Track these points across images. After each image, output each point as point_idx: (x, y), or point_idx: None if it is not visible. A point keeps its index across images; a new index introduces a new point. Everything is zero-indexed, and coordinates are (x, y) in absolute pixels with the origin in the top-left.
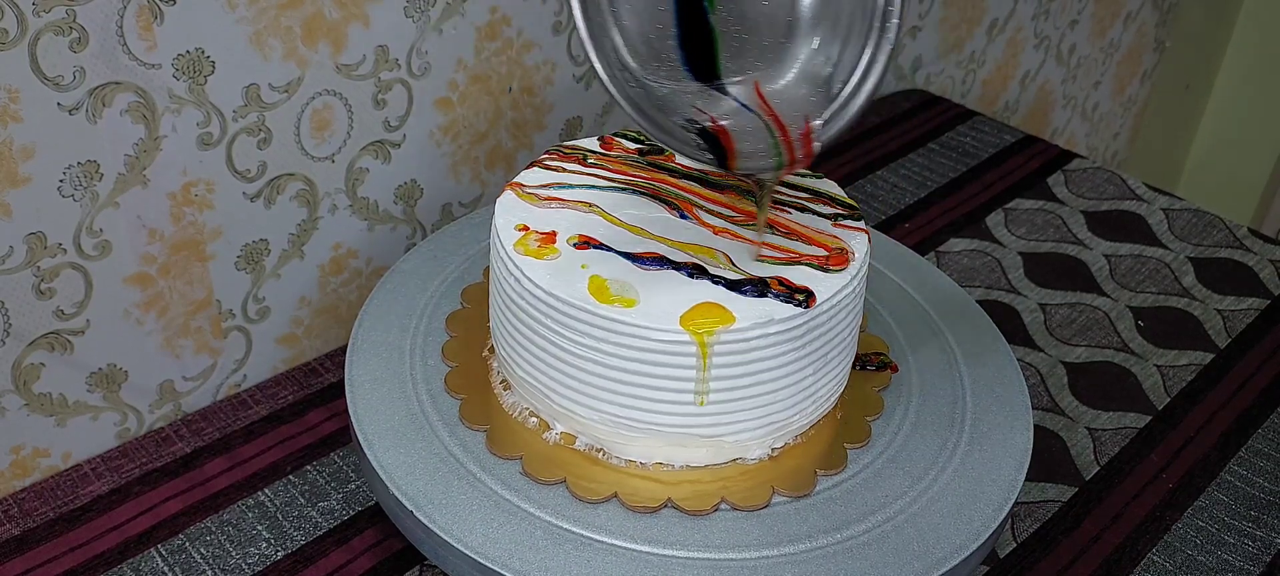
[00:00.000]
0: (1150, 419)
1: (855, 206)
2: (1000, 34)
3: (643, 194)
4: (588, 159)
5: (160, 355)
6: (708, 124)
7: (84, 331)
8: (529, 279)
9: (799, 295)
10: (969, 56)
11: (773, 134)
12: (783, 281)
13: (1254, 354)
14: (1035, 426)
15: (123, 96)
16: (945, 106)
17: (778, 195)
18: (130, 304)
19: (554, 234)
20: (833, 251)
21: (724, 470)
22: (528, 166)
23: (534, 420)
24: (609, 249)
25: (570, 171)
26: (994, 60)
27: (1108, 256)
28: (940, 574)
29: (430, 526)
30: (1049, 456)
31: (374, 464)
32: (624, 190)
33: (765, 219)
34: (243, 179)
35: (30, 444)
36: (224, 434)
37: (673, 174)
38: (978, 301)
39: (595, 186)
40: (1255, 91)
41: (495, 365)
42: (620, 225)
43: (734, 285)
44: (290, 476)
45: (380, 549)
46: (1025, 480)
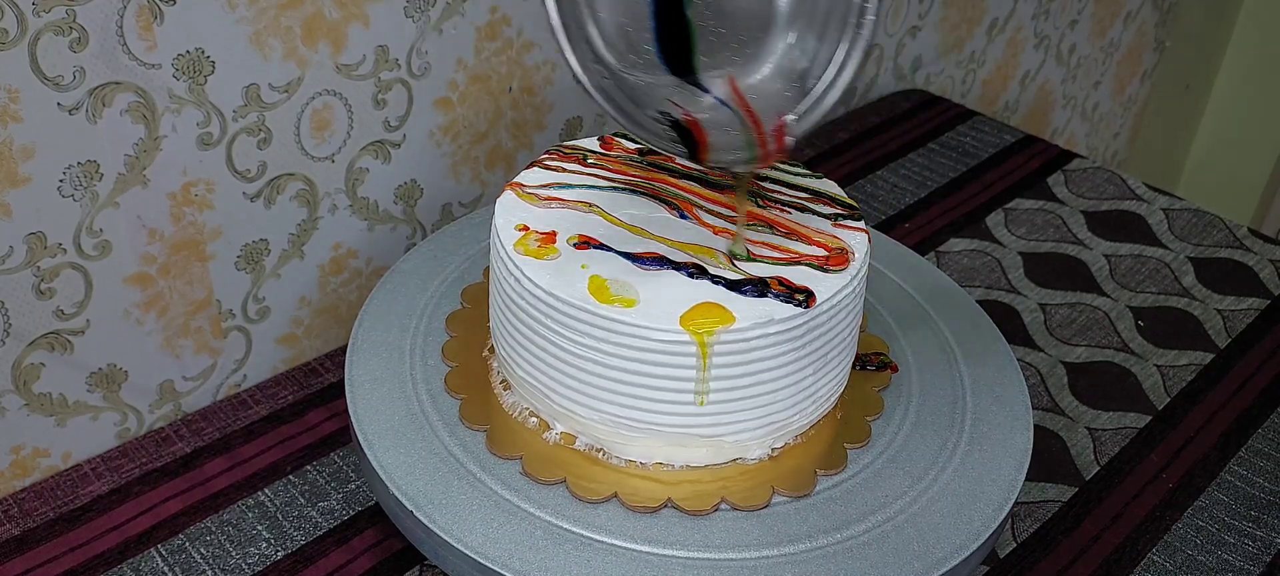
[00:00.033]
0: (1150, 419)
1: (855, 206)
2: (1000, 34)
3: (643, 194)
4: (588, 159)
5: (160, 355)
6: (681, 116)
7: (84, 331)
8: (529, 279)
9: (799, 295)
10: (969, 56)
11: (746, 128)
12: (783, 281)
13: (1254, 354)
14: (1035, 426)
15: (123, 96)
16: (945, 106)
17: (778, 195)
18: (130, 304)
19: (554, 234)
20: (833, 251)
21: (724, 470)
22: (528, 166)
23: (534, 420)
24: (609, 249)
25: (570, 171)
26: (994, 60)
27: (1108, 256)
28: (940, 574)
29: (430, 526)
30: (1049, 456)
31: (374, 464)
32: (624, 190)
33: (745, 211)
34: (243, 179)
35: (30, 444)
36: (224, 434)
37: (673, 174)
38: (978, 301)
39: (595, 186)
40: (1255, 91)
41: (495, 365)
42: (620, 225)
43: (734, 285)
44: (290, 476)
45: (380, 549)
46: (1025, 480)
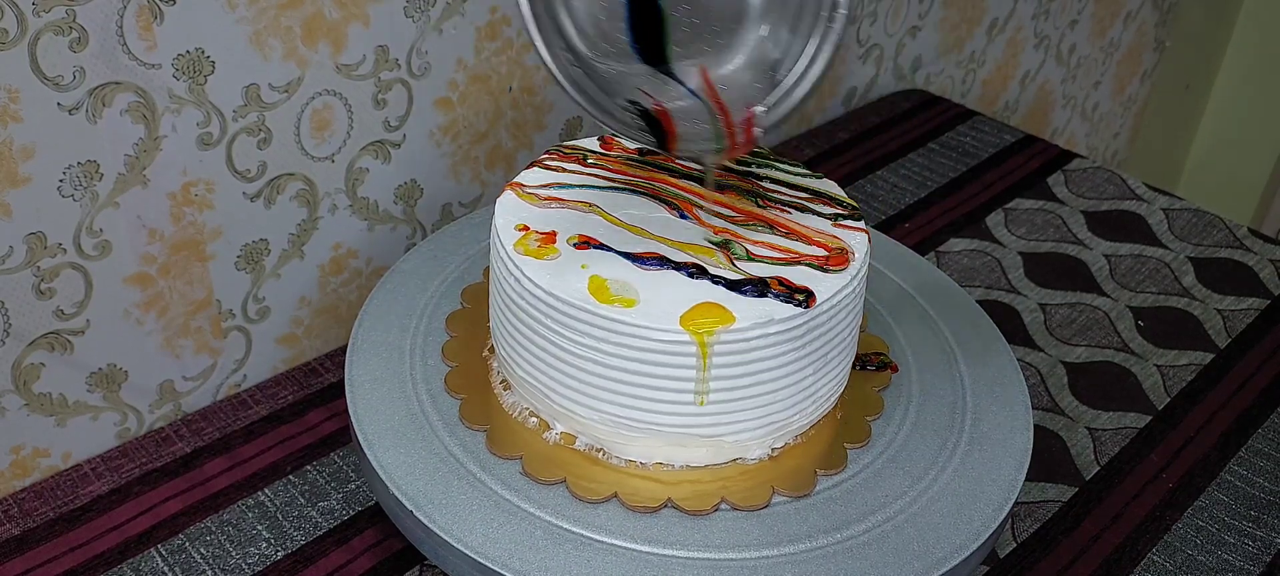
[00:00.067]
0: (1150, 419)
1: (855, 206)
2: (1000, 34)
3: (643, 194)
4: (588, 159)
5: (160, 355)
6: (650, 106)
7: (84, 331)
8: (529, 279)
9: (799, 295)
10: (969, 56)
11: (714, 118)
12: (783, 281)
13: (1254, 354)
14: (1035, 426)
15: (123, 96)
16: (945, 106)
17: (778, 195)
18: (130, 304)
19: (554, 234)
20: (833, 251)
21: (724, 470)
22: (528, 166)
23: (534, 420)
24: (609, 249)
25: (570, 171)
26: (994, 60)
27: (1108, 256)
28: (940, 574)
29: (430, 526)
30: (1049, 456)
31: (374, 464)
32: (624, 190)
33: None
34: (243, 179)
35: (30, 444)
36: (224, 434)
37: (673, 174)
38: (978, 301)
39: (595, 186)
40: (1255, 91)
41: (495, 365)
42: (620, 225)
43: (734, 285)
44: (290, 476)
45: (380, 549)
46: (1025, 480)
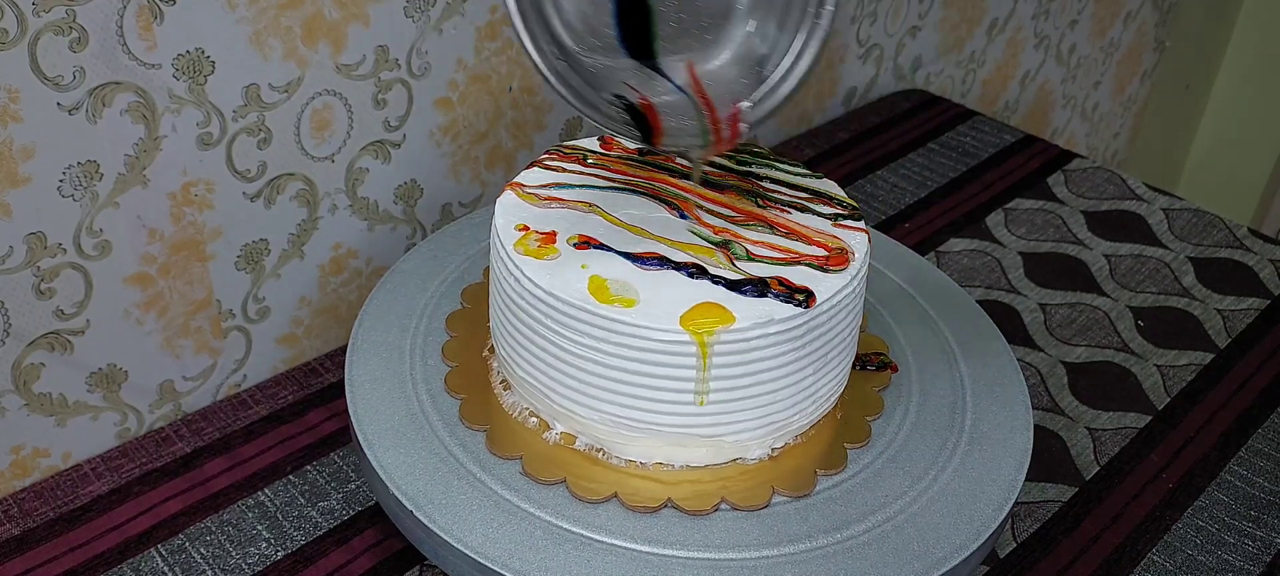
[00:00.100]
0: (1150, 419)
1: (855, 206)
2: (1000, 34)
3: (643, 194)
4: (588, 159)
5: (160, 355)
6: (636, 101)
7: (84, 331)
8: (529, 279)
9: (799, 295)
10: (969, 56)
11: (700, 114)
12: (783, 281)
13: (1254, 354)
14: (1035, 426)
15: (123, 96)
16: (945, 106)
17: (778, 195)
18: (130, 304)
19: (554, 234)
20: (833, 251)
21: (724, 470)
22: (528, 166)
23: (534, 420)
24: (609, 249)
25: (570, 171)
26: (994, 60)
27: (1108, 256)
28: (940, 574)
29: (430, 526)
30: (1049, 456)
31: (374, 464)
32: (624, 190)
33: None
34: (243, 179)
35: (30, 444)
36: (224, 434)
37: (673, 174)
38: (978, 301)
39: (595, 186)
40: (1255, 91)
41: (495, 365)
42: (620, 225)
43: (734, 285)
44: (290, 476)
45: (380, 549)
46: (1025, 480)
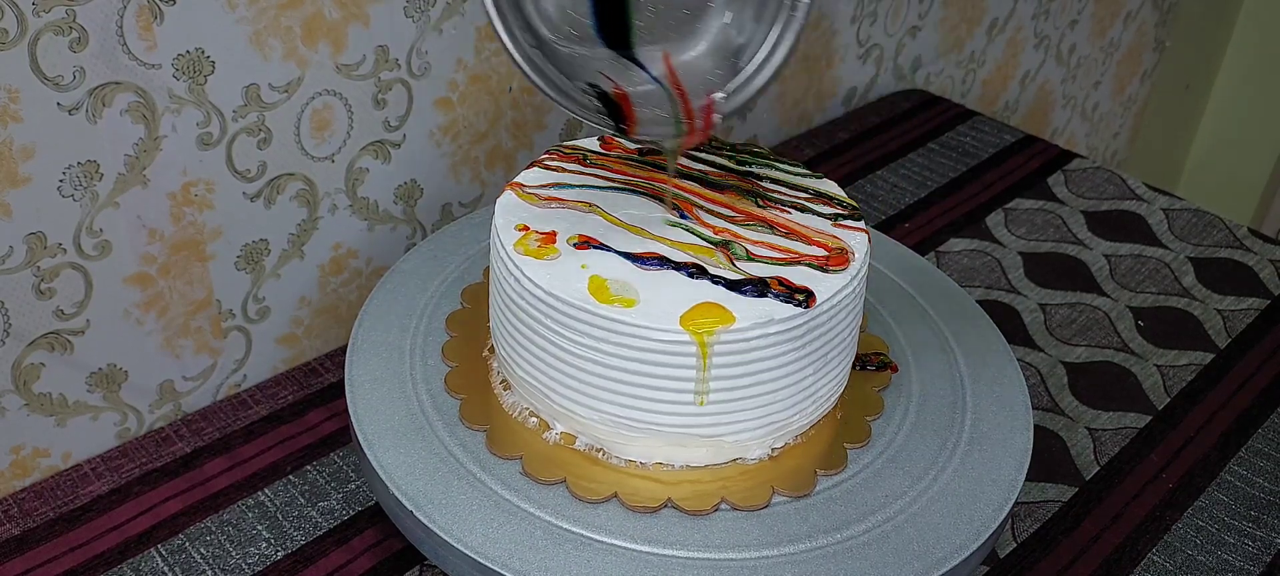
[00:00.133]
0: (1150, 419)
1: (855, 206)
2: (1000, 34)
3: (643, 194)
4: (588, 159)
5: (160, 355)
6: (610, 90)
7: (84, 331)
8: (529, 279)
9: (799, 295)
10: (969, 56)
11: (674, 104)
12: (783, 281)
13: (1254, 354)
14: (1035, 426)
15: (123, 96)
16: (945, 106)
17: (778, 195)
18: (130, 304)
19: (554, 234)
20: (833, 251)
21: (724, 470)
22: (528, 166)
23: (534, 420)
24: (609, 249)
25: (570, 171)
26: (994, 60)
27: (1108, 256)
28: (940, 574)
29: (430, 526)
30: (1049, 456)
31: (374, 464)
32: (624, 190)
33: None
34: (243, 179)
35: (30, 444)
36: (224, 434)
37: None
38: (978, 301)
39: (595, 186)
40: (1255, 91)
41: (495, 365)
42: (620, 225)
43: (734, 285)
44: (290, 476)
45: (380, 549)
46: (1025, 480)
